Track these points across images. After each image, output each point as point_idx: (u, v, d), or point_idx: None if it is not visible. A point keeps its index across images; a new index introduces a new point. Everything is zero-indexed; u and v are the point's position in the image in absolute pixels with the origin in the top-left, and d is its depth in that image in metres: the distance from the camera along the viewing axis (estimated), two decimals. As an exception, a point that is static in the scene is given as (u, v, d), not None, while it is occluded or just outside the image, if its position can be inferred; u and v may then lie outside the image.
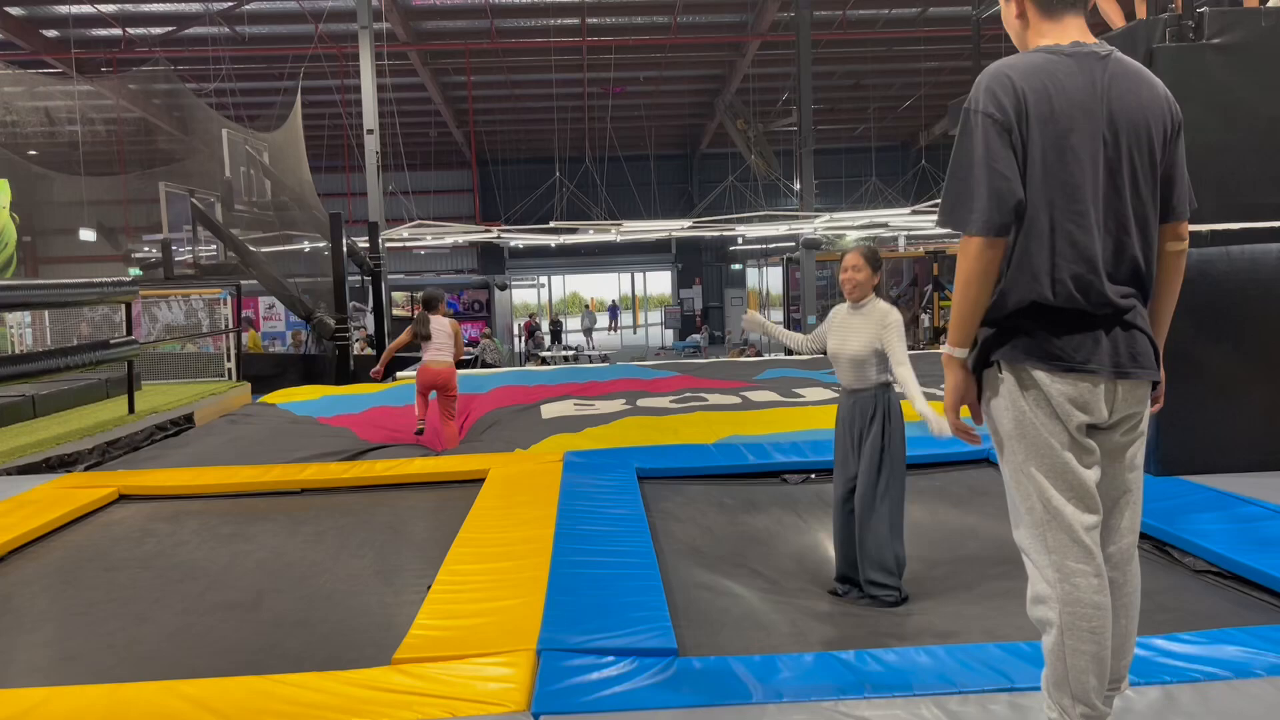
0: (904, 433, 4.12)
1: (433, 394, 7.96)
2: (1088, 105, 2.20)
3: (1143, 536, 4.36)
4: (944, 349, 2.34)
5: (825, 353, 4.28)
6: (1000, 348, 2.28)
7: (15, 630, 3.87)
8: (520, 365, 22.89)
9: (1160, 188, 2.31)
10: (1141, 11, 5.68)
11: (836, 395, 8.92)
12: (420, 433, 7.82)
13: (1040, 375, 2.25)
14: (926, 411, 3.78)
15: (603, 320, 37.28)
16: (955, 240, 22.34)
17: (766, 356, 19.91)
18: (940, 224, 2.29)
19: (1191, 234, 4.95)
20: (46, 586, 4.38)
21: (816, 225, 19.56)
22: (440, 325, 7.93)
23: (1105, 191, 2.22)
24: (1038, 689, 2.78)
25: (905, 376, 3.95)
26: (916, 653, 3.07)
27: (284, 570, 4.47)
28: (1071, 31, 2.28)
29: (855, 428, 4.11)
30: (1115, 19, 5.93)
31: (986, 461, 5.97)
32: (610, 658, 3.07)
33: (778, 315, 23.48)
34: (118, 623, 3.87)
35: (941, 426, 3.91)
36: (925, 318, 21.63)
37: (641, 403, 8.88)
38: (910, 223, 21.71)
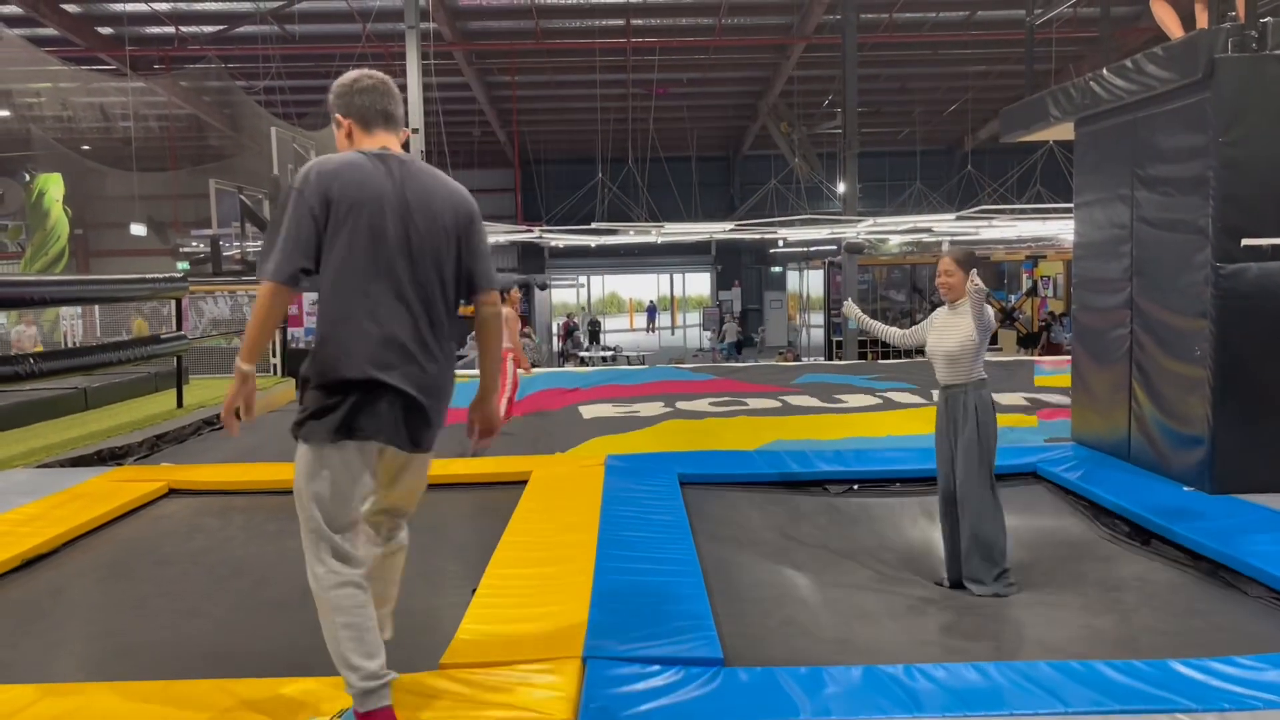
0: (995, 429, 4.21)
1: None
2: (387, 194, 2.71)
3: (1196, 556, 4.29)
4: (242, 365, 2.69)
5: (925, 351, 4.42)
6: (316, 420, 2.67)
7: (68, 623, 3.95)
8: (558, 366, 22.96)
9: (465, 263, 2.83)
10: (1203, 20, 5.55)
11: (877, 401, 9.00)
12: None
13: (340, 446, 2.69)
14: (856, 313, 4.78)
15: (640, 321, 37.32)
16: (1050, 245, 21.95)
17: (806, 360, 19.83)
18: (257, 275, 2.74)
19: (1252, 248, 4.90)
20: (99, 579, 4.46)
21: (859, 229, 19.40)
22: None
23: (406, 267, 2.70)
24: (1090, 711, 2.74)
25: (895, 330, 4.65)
26: (966, 669, 3.03)
27: (330, 569, 4.50)
28: (381, 141, 2.83)
29: (952, 424, 4.21)
30: (1174, 29, 5.80)
31: (1034, 475, 5.89)
32: (656, 667, 3.06)
33: (818, 319, 23.32)
34: (169, 617, 3.93)
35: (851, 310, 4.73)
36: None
37: (681, 405, 8.87)
38: (954, 228, 21.44)
